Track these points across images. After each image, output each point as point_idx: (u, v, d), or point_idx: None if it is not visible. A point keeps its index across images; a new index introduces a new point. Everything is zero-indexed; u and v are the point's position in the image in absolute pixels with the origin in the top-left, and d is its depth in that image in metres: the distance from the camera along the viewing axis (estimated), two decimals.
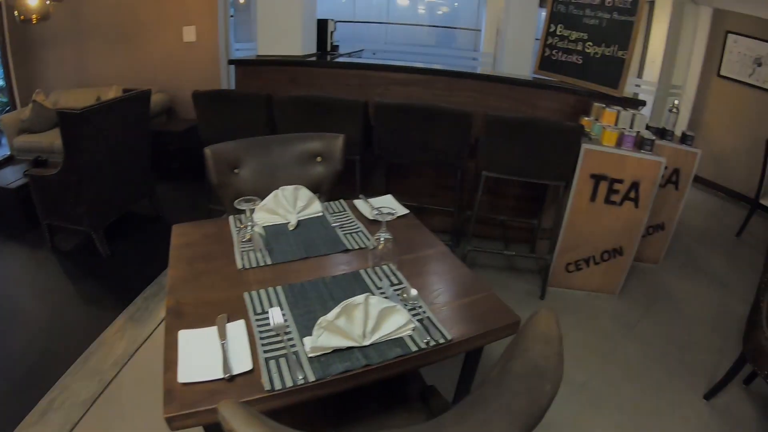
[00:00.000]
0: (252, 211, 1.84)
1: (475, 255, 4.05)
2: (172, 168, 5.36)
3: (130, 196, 4.32)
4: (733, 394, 3.16)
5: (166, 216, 4.60)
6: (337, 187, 2.63)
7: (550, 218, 3.95)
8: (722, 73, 7.15)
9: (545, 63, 4.27)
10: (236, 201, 1.79)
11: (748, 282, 4.22)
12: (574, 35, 4.10)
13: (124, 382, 2.75)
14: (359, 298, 1.39)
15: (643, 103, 3.99)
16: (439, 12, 11.17)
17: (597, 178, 3.41)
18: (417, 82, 4.06)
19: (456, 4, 10.56)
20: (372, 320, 1.40)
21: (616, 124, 3.55)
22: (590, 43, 3.99)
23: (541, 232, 4.05)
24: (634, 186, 3.44)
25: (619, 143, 3.42)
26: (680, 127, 7.21)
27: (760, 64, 6.89)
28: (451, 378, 1.87)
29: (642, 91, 7.17)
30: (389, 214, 1.78)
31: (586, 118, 3.62)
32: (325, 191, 2.57)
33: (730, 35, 7.00)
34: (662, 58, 6.96)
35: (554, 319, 1.26)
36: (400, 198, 4.03)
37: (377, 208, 1.93)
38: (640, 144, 3.45)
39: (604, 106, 3.61)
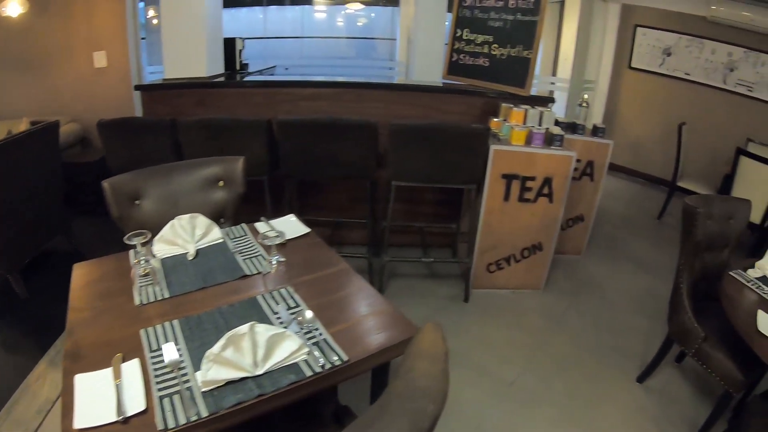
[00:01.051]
0: (143, 245, 1.81)
1: (394, 265, 4.07)
2: (88, 201, 5.19)
3: (45, 234, 4.15)
4: (666, 373, 3.29)
5: (85, 252, 4.45)
6: (248, 209, 2.61)
7: (469, 221, 4.00)
8: (633, 65, 7.53)
9: (453, 68, 4.35)
10: (126, 236, 1.76)
11: (671, 263, 4.38)
12: (480, 38, 4.20)
13: (49, 430, 2.65)
14: (244, 328, 1.39)
15: (552, 100, 4.13)
16: (359, 23, 11.23)
17: (509, 178, 3.50)
18: (325, 96, 4.07)
19: (373, 14, 10.63)
20: (261, 348, 1.40)
21: (524, 122, 3.64)
22: (496, 45, 4.10)
23: (462, 236, 4.11)
24: (547, 182, 3.55)
25: (528, 141, 3.53)
26: (596, 120, 7.53)
27: (669, 54, 7.25)
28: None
29: (557, 88, 7.42)
30: (276, 237, 1.79)
31: (495, 120, 3.71)
32: (229, 216, 2.55)
33: (639, 28, 7.38)
34: (574, 54, 7.20)
35: (440, 335, 1.26)
36: (316, 214, 4.08)
37: (264, 233, 1.92)
38: (549, 140, 3.57)
39: (511, 106, 3.72)
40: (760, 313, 2.32)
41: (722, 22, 6.89)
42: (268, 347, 1.41)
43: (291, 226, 2.32)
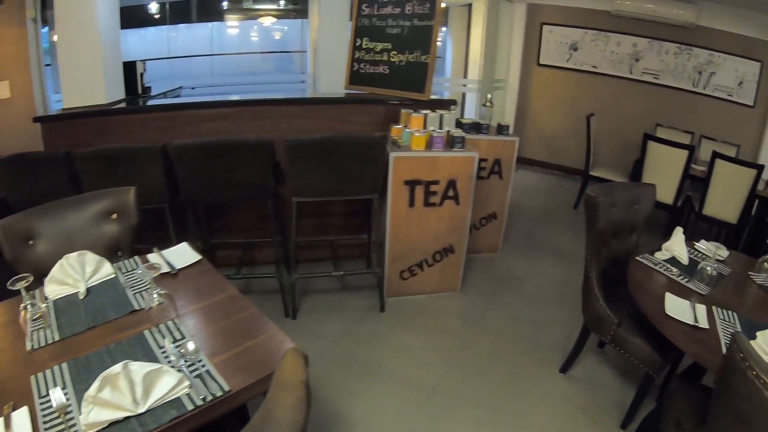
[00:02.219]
0: (27, 289, 1.76)
1: (308, 281, 4.05)
2: None
3: None
4: (589, 360, 3.42)
5: None
6: (155, 237, 2.63)
7: (377, 230, 4.02)
8: (542, 61, 7.80)
9: (355, 77, 4.38)
10: (9, 281, 1.72)
11: None
12: (380, 46, 4.24)
13: None
14: (117, 367, 1.39)
15: (453, 102, 4.21)
16: (276, 37, 11.16)
17: (411, 184, 3.55)
18: (225, 116, 4.02)
19: (286, 27, 10.60)
20: (139, 386, 1.39)
21: (424, 127, 3.68)
22: (395, 52, 4.16)
23: (375, 245, 4.11)
24: (451, 184, 3.62)
25: (429, 146, 3.59)
26: (509, 118, 7.72)
27: (576, 49, 7.53)
28: None
29: (468, 89, 7.58)
30: (153, 270, 1.80)
31: (396, 126, 3.75)
32: (126, 248, 2.50)
33: (545, 26, 7.65)
34: (483, 55, 7.35)
35: (299, 362, 1.26)
36: (225, 236, 4.02)
37: (143, 265, 1.89)
38: (451, 143, 3.63)
39: (411, 111, 3.74)
40: (668, 296, 2.43)
41: (626, 15, 7.21)
42: (147, 384, 1.40)
43: (183, 254, 2.29)
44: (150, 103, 4.52)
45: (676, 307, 2.35)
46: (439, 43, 9.14)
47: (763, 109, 7.29)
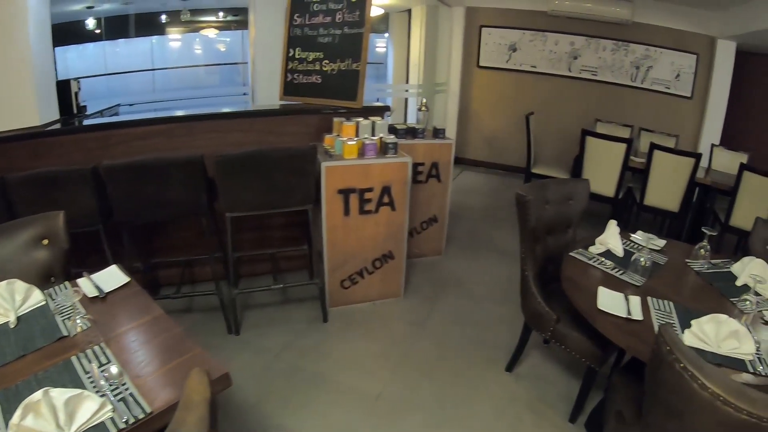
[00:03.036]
0: None
1: (250, 296, 4.02)
2: None
3: None
4: (534, 357, 3.47)
5: None
6: (94, 260, 2.58)
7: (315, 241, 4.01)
8: (482, 63, 7.94)
9: (288, 88, 4.39)
10: None
11: None
12: (312, 56, 4.26)
13: None
14: (38, 394, 1.37)
15: (387, 109, 4.22)
16: (222, 49, 11.05)
17: (345, 192, 3.56)
18: (158, 133, 3.97)
19: (228, 39, 10.52)
20: (62, 412, 1.37)
21: (357, 135, 3.69)
22: (327, 61, 4.18)
23: (315, 256, 4.10)
24: (386, 191, 3.65)
25: (361, 153, 3.60)
26: (451, 120, 7.81)
27: (515, 50, 7.67)
28: None
29: (410, 94, 7.67)
30: (76, 294, 1.81)
31: (329, 136, 3.76)
32: (59, 273, 2.44)
33: (484, 29, 7.79)
34: (424, 60, 7.43)
35: (202, 381, 1.26)
36: (164, 255, 3.96)
37: (65, 291, 1.87)
38: (383, 149, 3.63)
39: (343, 120, 3.76)
40: (601, 290, 2.46)
41: (562, 15, 7.37)
42: (70, 410, 1.39)
43: (111, 277, 2.26)
44: (85, 122, 4.43)
45: (609, 300, 2.38)
46: (382, 50, 9.27)
47: (701, 99, 7.52)
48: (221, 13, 9.81)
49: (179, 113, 4.17)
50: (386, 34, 8.61)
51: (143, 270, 3.88)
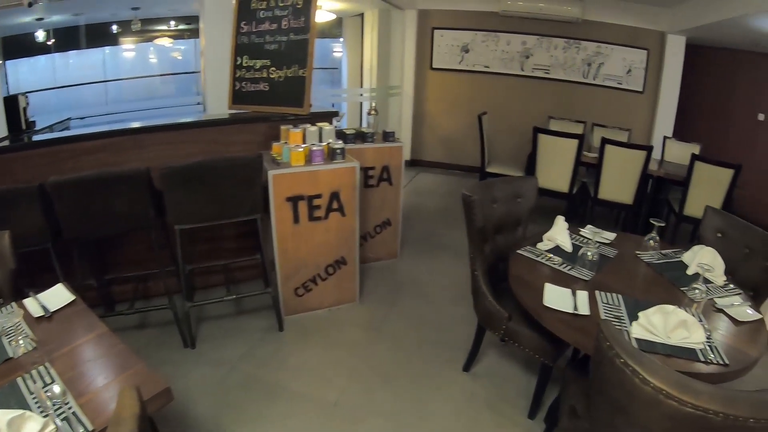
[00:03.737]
0: None
1: (205, 308, 3.96)
2: None
3: None
4: (492, 355, 3.51)
5: None
6: (48, 279, 2.48)
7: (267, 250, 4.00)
8: (435, 65, 8.03)
9: (237, 96, 4.37)
10: None
11: None
12: (259, 63, 4.25)
13: None
14: None
15: (335, 114, 4.24)
16: (179, 58, 10.89)
17: (294, 200, 3.56)
18: (106, 147, 3.90)
19: (183, 47, 10.38)
20: None
21: (304, 142, 3.68)
22: (274, 68, 4.17)
23: (269, 265, 4.08)
24: (335, 197, 3.66)
25: (309, 160, 3.60)
26: (405, 123, 7.87)
27: (467, 51, 7.75)
28: None
29: (365, 98, 7.71)
30: (18, 314, 1.85)
31: (276, 144, 3.75)
32: (7, 294, 2.41)
33: (436, 31, 7.87)
34: (377, 63, 7.46)
35: (132, 397, 1.26)
36: (118, 270, 3.91)
37: (6, 312, 1.87)
38: (331, 155, 3.64)
39: (290, 127, 3.75)
40: (547, 287, 2.49)
41: (514, 15, 7.47)
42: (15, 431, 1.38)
43: (57, 296, 2.24)
44: (34, 138, 4.36)
45: (556, 297, 2.41)
46: (340, 54, 9.27)
47: (653, 93, 7.69)
48: (173, 22, 9.71)
49: (128, 126, 4.10)
50: (342, 39, 8.62)
51: (97, 287, 3.82)
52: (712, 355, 2.06)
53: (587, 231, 3.16)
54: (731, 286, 2.74)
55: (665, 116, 7.69)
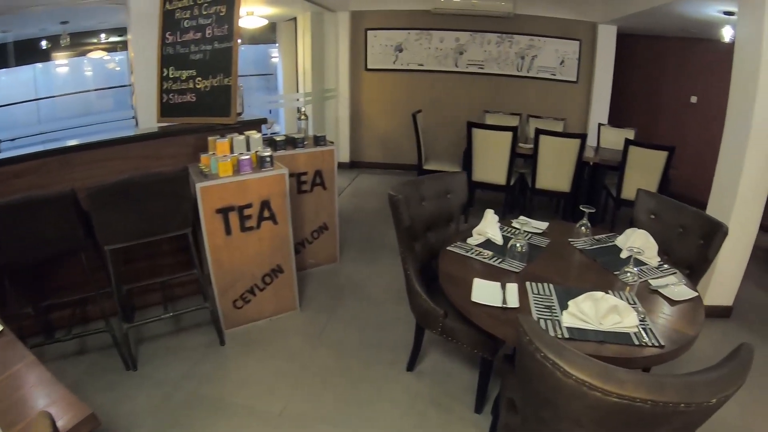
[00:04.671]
0: None
1: (141, 329, 3.84)
2: None
3: None
4: (435, 353, 3.53)
5: None
6: None
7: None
8: (369, 66, 8.07)
9: (165, 109, 4.31)
10: None
11: None
12: (185, 74, 4.19)
13: None
14: None
15: (263, 121, 4.22)
16: (117, 70, 10.62)
17: (224, 212, 3.50)
18: (31, 170, 3.77)
19: (118, 59, 10.13)
20: None
21: (231, 151, 3.66)
22: (200, 78, 4.13)
23: (206, 279, 4.03)
24: (265, 205, 3.63)
25: (237, 170, 3.55)
26: (343, 125, 7.91)
27: (401, 50, 7.81)
28: None
29: (301, 103, 7.65)
30: None
31: (204, 155, 3.69)
32: None
33: (369, 31, 7.90)
34: (312, 67, 7.47)
35: (44, 423, 1.25)
36: (56, 296, 3.80)
37: None
38: (260, 163, 3.62)
39: (217, 137, 3.71)
40: (476, 282, 2.49)
41: (446, 12, 7.54)
42: None
43: None
44: None
45: (484, 291, 2.41)
46: (275, 60, 9.24)
47: (587, 82, 7.87)
48: (104, 35, 9.49)
49: (56, 146, 3.99)
50: (276, 45, 8.59)
51: (35, 314, 3.71)
52: (647, 338, 2.08)
53: (518, 222, 3.16)
54: (666, 266, 2.81)
55: (600, 104, 7.90)
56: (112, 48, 9.85)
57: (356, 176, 8.24)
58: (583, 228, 3.16)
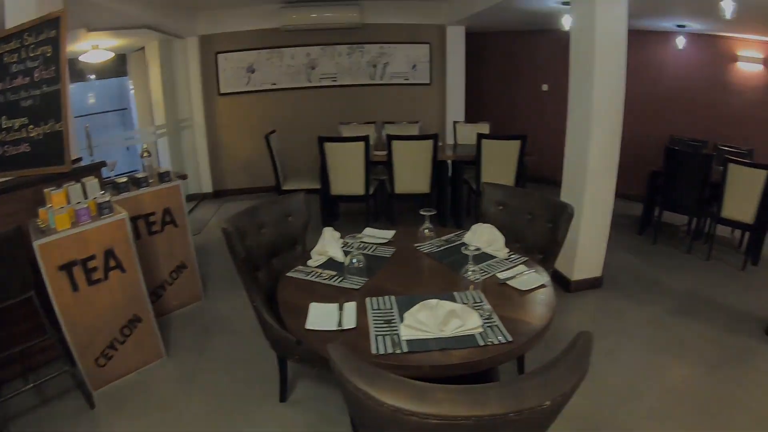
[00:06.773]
0: None
1: (3, 408, 3.45)
2: None
3: None
4: (307, 380, 3.54)
5: None
6: None
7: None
8: (222, 90, 8.02)
9: (0, 163, 4.03)
10: None
11: None
12: (18, 123, 3.95)
13: None
14: None
15: (103, 164, 4.09)
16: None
17: (67, 267, 3.30)
18: None
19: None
20: None
21: (68, 202, 3.47)
22: (32, 126, 3.88)
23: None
24: (110, 254, 3.46)
25: (75, 221, 3.37)
26: (201, 155, 7.81)
27: (253, 71, 7.82)
28: None
29: (158, 135, 7.50)
30: None
31: (43, 209, 3.44)
32: None
33: (220, 55, 7.83)
34: (164, 97, 7.34)
35: None
36: None
37: None
38: (99, 211, 3.46)
39: (53, 188, 3.50)
40: (311, 307, 2.38)
41: (295, 29, 7.61)
42: None
43: None
44: None
45: (320, 316, 2.31)
46: (132, 91, 8.94)
47: (440, 83, 8.19)
48: None
49: None
50: (128, 78, 8.33)
51: None
52: (492, 336, 2.06)
53: (364, 234, 3.18)
54: (515, 256, 2.85)
55: (455, 103, 8.25)
56: None
57: (220, 206, 8.03)
58: (426, 231, 3.16)
